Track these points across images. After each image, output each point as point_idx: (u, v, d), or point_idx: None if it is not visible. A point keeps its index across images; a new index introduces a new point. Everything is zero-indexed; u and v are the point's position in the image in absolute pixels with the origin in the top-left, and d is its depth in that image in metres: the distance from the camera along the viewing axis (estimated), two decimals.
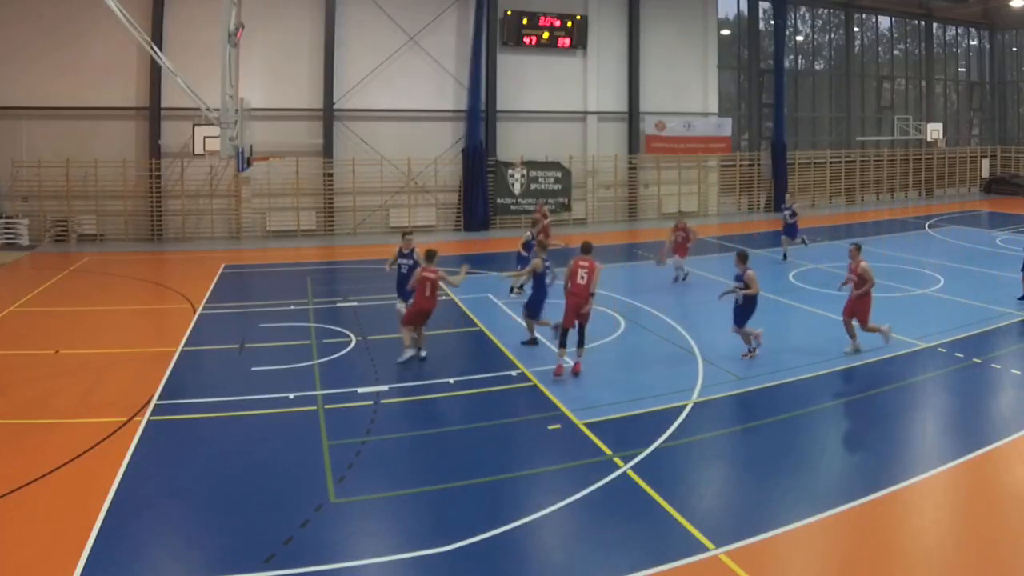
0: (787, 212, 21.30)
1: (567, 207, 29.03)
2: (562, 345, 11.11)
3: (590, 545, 6.84)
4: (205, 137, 21.14)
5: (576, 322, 11.07)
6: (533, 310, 12.51)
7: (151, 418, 9.58)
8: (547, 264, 12.50)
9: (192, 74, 16.28)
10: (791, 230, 21.33)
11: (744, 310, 11.91)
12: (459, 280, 11.84)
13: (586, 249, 11.54)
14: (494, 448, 8.94)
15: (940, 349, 12.39)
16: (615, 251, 23.79)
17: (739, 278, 11.90)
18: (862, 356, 12.03)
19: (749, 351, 11.92)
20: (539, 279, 12.45)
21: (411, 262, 13.22)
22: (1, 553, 6.53)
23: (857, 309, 11.99)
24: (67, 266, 20.33)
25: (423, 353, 12.00)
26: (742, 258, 12.05)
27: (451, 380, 11.00)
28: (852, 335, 12.09)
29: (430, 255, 12.22)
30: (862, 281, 11.77)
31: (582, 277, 11.13)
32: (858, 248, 12.26)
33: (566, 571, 6.53)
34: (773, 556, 6.67)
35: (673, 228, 18.36)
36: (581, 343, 11.26)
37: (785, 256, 20.98)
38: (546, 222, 18.49)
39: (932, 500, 7.70)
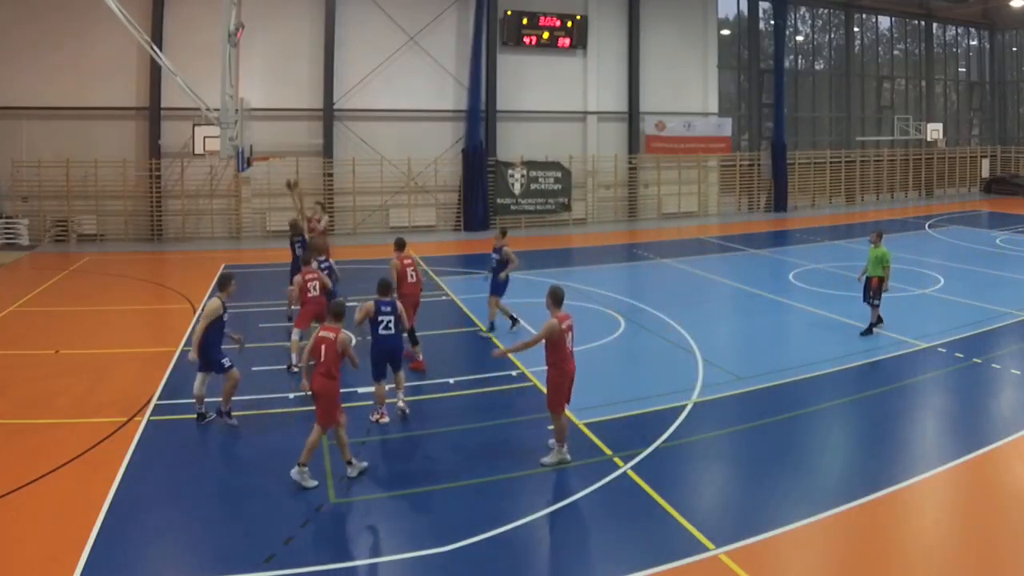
0: (494, 256, 13.35)
1: (567, 207, 29.03)
2: (415, 343, 11.26)
3: (590, 545, 6.85)
4: (205, 137, 21.12)
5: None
6: None
7: (151, 418, 9.59)
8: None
9: (192, 74, 16.30)
10: (497, 284, 13.29)
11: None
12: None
13: (400, 245, 11.61)
14: (494, 448, 8.94)
15: (940, 349, 12.39)
16: (615, 251, 23.84)
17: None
18: (861, 356, 12.00)
19: (374, 413, 9.54)
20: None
21: (227, 315, 9.72)
22: (1, 553, 6.54)
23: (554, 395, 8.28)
24: (67, 266, 20.32)
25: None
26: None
27: (451, 380, 11.00)
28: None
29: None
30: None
31: (411, 276, 11.17)
32: (556, 300, 8.27)
33: (566, 571, 6.53)
34: (773, 556, 6.67)
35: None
36: (416, 341, 11.35)
37: (504, 323, 13.32)
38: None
39: (932, 500, 7.71)
